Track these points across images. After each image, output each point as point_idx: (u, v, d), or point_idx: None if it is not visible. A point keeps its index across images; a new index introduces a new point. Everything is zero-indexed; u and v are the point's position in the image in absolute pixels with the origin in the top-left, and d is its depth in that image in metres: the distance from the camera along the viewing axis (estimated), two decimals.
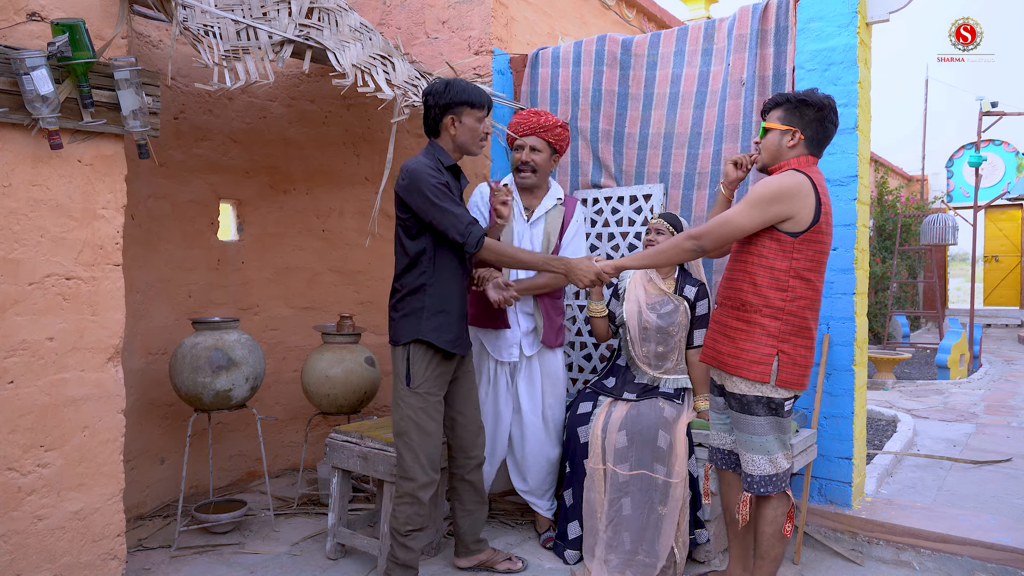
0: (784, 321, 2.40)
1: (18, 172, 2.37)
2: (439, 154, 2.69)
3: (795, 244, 2.38)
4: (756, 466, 2.47)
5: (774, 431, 2.45)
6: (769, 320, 2.41)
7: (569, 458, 3.08)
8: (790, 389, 2.44)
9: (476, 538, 2.97)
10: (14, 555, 2.37)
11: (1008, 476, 4.36)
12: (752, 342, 2.42)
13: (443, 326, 2.63)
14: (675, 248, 2.52)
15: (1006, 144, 12.62)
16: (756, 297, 2.42)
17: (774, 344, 2.40)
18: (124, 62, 2.48)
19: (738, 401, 2.48)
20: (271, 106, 4.22)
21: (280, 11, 2.96)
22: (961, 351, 8.44)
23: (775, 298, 2.40)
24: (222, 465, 4.06)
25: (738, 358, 2.45)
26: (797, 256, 2.38)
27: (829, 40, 3.13)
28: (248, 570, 3.00)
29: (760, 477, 2.46)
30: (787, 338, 2.40)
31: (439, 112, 2.66)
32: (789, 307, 2.40)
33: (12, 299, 2.36)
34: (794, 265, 2.38)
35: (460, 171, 2.75)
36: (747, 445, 2.48)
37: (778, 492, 2.48)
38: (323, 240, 4.46)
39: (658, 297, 3.09)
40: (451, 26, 4.12)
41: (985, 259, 14.88)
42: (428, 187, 2.55)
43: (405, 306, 2.65)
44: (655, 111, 3.62)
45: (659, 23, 6.26)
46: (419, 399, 2.63)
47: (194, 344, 3.24)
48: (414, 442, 2.62)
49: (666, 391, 3.08)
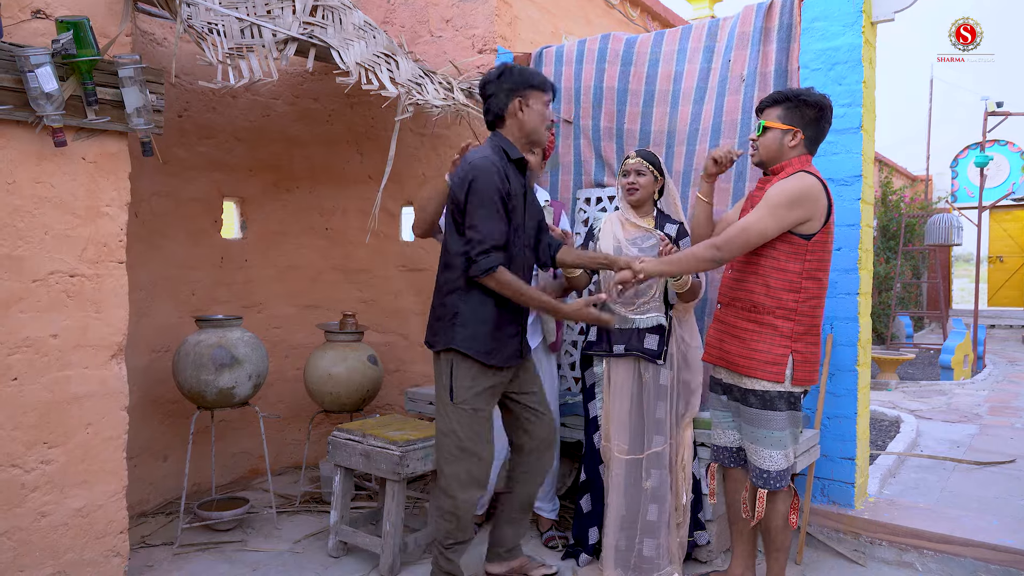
0: (797, 322, 2.41)
1: (22, 169, 2.38)
2: (504, 144, 2.49)
3: (808, 246, 2.38)
4: (772, 461, 2.46)
5: (791, 425, 2.47)
6: (782, 321, 2.41)
7: (585, 464, 3.04)
8: (802, 386, 2.46)
9: (514, 545, 2.81)
10: (17, 551, 2.38)
11: (1011, 477, 4.35)
12: (765, 343, 2.42)
13: (478, 336, 2.42)
14: (693, 258, 2.46)
15: (1011, 144, 12.59)
16: (769, 299, 2.41)
17: (788, 344, 2.40)
18: (128, 60, 2.48)
19: (759, 398, 2.46)
20: (275, 104, 4.22)
21: (284, 9, 2.96)
22: (965, 352, 8.42)
23: (788, 300, 2.40)
24: (225, 463, 4.07)
25: (751, 359, 2.44)
26: (810, 258, 2.39)
27: (834, 39, 3.12)
28: (250, 567, 3.00)
29: (776, 472, 2.47)
30: (800, 338, 2.41)
31: (503, 98, 2.47)
32: (802, 308, 2.40)
33: (16, 296, 2.37)
34: (807, 267, 2.39)
35: (527, 165, 2.57)
36: (764, 441, 2.47)
37: (787, 485, 2.51)
38: (326, 238, 4.46)
39: (638, 233, 2.93)
40: (455, 24, 4.11)
41: (989, 259, 14.83)
42: (480, 189, 2.36)
43: (442, 309, 2.48)
44: (657, 108, 3.61)
45: (663, 22, 6.24)
46: (464, 415, 2.44)
47: (197, 342, 3.24)
48: (455, 459, 2.45)
49: (645, 327, 2.85)
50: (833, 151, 3.13)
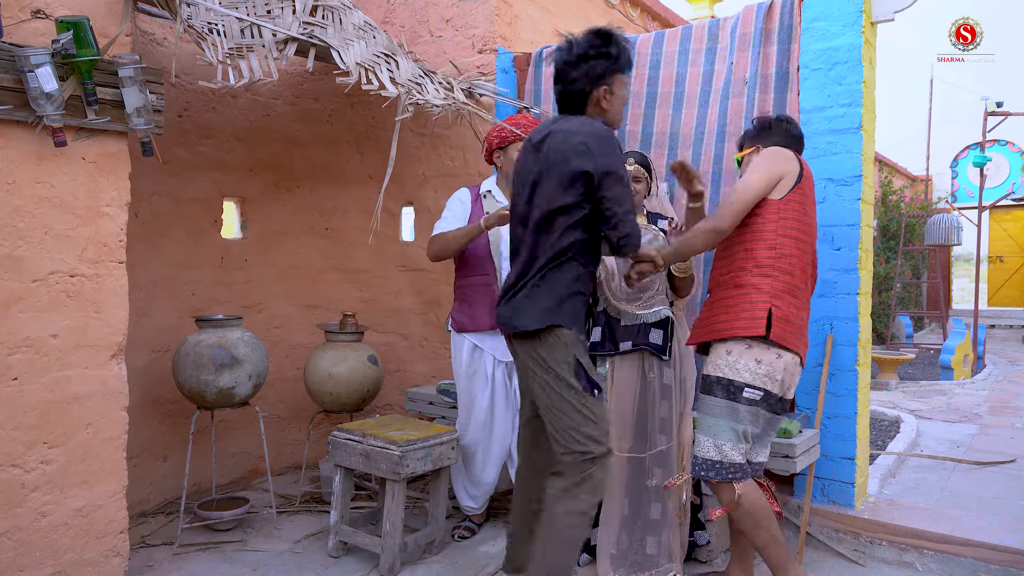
0: (775, 279, 2.47)
1: (22, 169, 2.38)
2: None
3: (779, 205, 2.50)
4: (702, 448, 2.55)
5: (727, 416, 2.49)
6: (760, 279, 2.48)
7: None
8: (786, 349, 2.45)
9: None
10: (17, 551, 2.38)
11: (1011, 477, 4.35)
12: (747, 301, 2.48)
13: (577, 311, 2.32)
14: (700, 232, 2.50)
15: (1011, 144, 12.60)
16: (748, 260, 2.51)
17: (767, 300, 2.46)
18: (128, 60, 2.48)
19: (703, 381, 2.56)
20: (275, 104, 4.22)
21: (284, 9, 2.96)
22: (965, 352, 8.42)
23: (764, 256, 2.48)
24: (225, 463, 4.07)
25: (733, 321, 2.50)
26: (785, 215, 2.50)
27: (834, 39, 3.12)
28: (250, 567, 3.00)
29: (703, 461, 2.53)
30: (779, 295, 2.47)
31: (587, 84, 2.26)
32: (779, 264, 2.48)
33: (16, 296, 2.37)
34: (782, 225, 2.49)
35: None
36: (700, 426, 2.56)
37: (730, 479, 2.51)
38: (326, 238, 4.46)
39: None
40: (455, 24, 4.11)
41: (989, 259, 14.83)
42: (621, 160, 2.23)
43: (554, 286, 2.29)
44: (659, 110, 3.61)
45: (663, 22, 6.24)
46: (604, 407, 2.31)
47: (197, 342, 3.24)
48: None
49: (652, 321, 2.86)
50: (833, 151, 3.13)
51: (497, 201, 3.24)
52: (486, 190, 3.27)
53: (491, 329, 3.16)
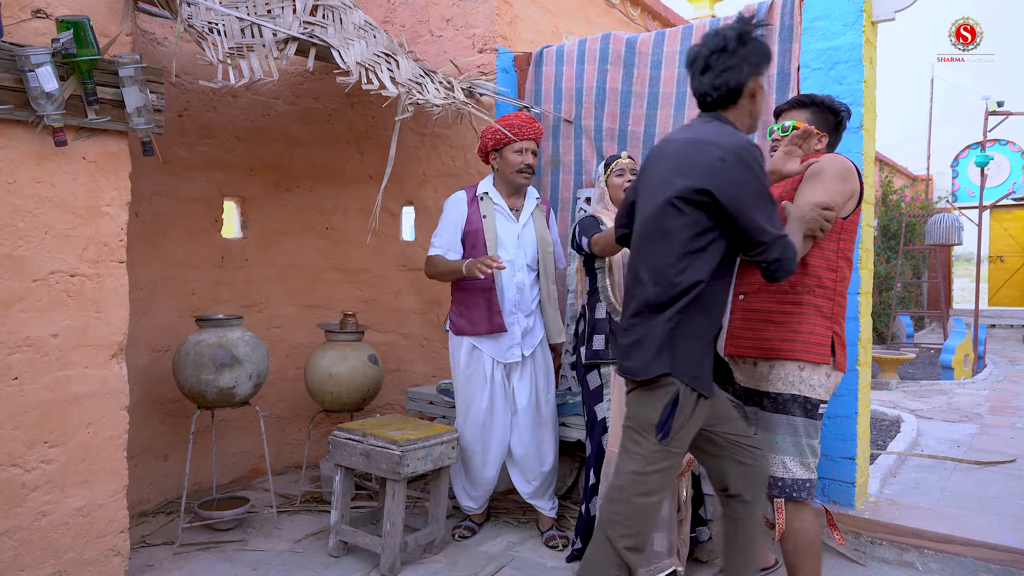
0: (836, 302, 2.35)
1: (23, 169, 2.38)
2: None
3: (844, 225, 2.34)
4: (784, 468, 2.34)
5: (806, 434, 2.33)
6: (823, 301, 2.33)
7: (593, 468, 2.99)
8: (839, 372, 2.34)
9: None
10: (18, 551, 2.38)
11: (1012, 477, 4.35)
12: (808, 323, 2.31)
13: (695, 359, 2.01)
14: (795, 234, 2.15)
15: (1012, 144, 12.59)
16: (809, 278, 2.33)
17: (829, 325, 2.33)
18: (129, 59, 2.48)
19: (772, 401, 2.35)
20: (275, 104, 4.23)
21: (284, 8, 2.96)
22: (965, 351, 8.42)
23: (827, 279, 2.34)
24: (225, 462, 4.07)
25: (793, 341, 2.30)
26: (845, 237, 2.35)
27: (834, 39, 3.12)
28: (251, 567, 3.00)
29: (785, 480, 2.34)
30: (838, 320, 2.36)
31: (744, 73, 1.99)
32: (839, 288, 2.36)
33: (17, 296, 2.37)
34: (842, 247, 2.35)
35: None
36: (776, 447, 2.33)
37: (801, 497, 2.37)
38: (327, 238, 4.46)
39: None
40: (455, 24, 4.11)
41: (990, 259, 14.83)
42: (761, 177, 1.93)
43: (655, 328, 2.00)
44: (661, 111, 3.61)
45: (664, 21, 6.25)
46: (671, 458, 2.02)
47: (198, 341, 3.24)
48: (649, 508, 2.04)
49: None
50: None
51: (494, 203, 3.23)
52: (483, 192, 3.26)
53: (489, 333, 3.17)
